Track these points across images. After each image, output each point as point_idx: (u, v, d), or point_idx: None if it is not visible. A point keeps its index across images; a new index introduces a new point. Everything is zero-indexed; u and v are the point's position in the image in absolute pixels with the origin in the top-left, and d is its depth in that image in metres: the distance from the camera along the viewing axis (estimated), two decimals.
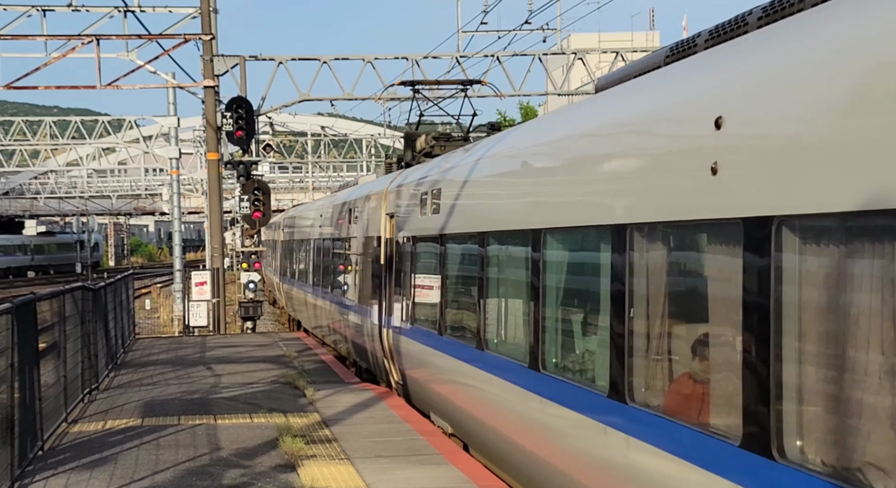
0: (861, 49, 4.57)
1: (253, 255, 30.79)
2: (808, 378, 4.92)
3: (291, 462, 10.37)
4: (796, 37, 5.21)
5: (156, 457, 10.78)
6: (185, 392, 15.46)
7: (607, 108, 7.61)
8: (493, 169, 10.39)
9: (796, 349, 4.99)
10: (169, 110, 35.50)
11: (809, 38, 5.06)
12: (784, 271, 5.04)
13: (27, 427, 10.42)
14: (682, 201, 5.92)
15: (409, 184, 14.55)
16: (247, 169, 30.07)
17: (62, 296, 13.30)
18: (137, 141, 65.54)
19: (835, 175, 4.59)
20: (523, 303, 9.04)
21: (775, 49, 5.32)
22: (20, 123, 66.36)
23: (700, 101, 5.88)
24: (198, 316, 28.49)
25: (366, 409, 13.76)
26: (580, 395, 7.49)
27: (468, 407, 10.91)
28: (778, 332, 5.03)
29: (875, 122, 4.39)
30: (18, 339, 9.90)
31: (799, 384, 4.97)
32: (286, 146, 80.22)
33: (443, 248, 12.22)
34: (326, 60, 33.77)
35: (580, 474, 7.45)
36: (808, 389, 4.95)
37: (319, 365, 19.27)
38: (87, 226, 68.38)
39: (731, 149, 5.46)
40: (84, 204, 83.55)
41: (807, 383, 4.94)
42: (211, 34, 28.42)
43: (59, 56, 27.74)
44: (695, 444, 5.73)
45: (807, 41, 5.07)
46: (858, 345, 4.63)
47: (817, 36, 4.99)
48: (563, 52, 36.60)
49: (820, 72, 4.83)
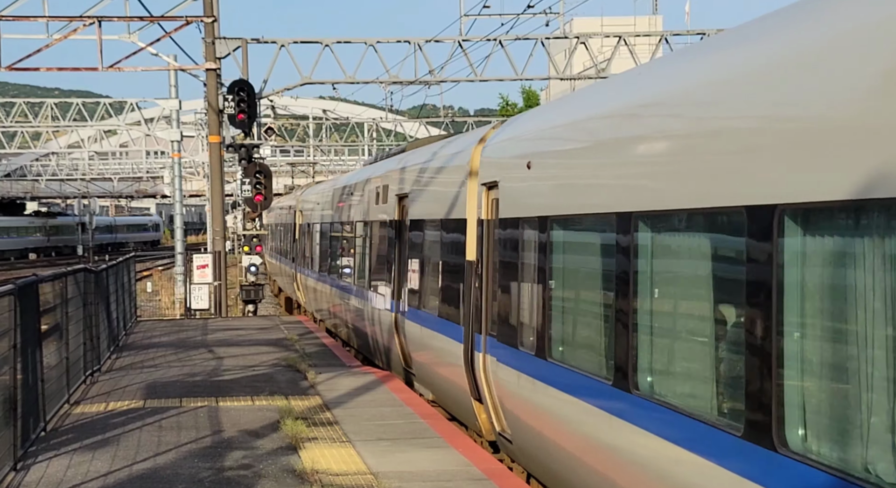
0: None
1: (254, 239, 30.81)
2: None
3: (293, 444, 10.40)
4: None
5: (158, 439, 10.81)
6: (187, 374, 15.49)
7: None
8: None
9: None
10: (170, 93, 35.49)
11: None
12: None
13: (30, 408, 10.44)
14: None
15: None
16: (248, 152, 30.05)
17: (64, 278, 13.31)
18: (139, 123, 65.41)
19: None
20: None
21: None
22: (21, 105, 66.13)
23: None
24: (199, 298, 28.56)
25: (367, 392, 13.78)
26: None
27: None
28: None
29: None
30: (21, 321, 9.92)
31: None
32: (288, 129, 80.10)
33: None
34: (328, 43, 33.65)
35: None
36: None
37: (321, 348, 19.30)
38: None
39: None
40: (85, 186, 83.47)
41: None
42: (213, 16, 28.34)
43: (61, 37, 27.67)
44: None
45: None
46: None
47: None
48: (565, 36, 36.48)
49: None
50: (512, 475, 9.40)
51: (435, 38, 35.01)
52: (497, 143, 10.78)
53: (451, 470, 9.42)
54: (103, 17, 27.66)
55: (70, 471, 9.51)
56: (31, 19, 27.81)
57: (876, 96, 4.47)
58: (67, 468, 9.66)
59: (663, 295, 6.69)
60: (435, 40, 35.05)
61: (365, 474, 9.29)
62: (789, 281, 5.09)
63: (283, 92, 38.79)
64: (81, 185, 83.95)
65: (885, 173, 4.33)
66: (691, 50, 8.13)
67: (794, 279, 5.09)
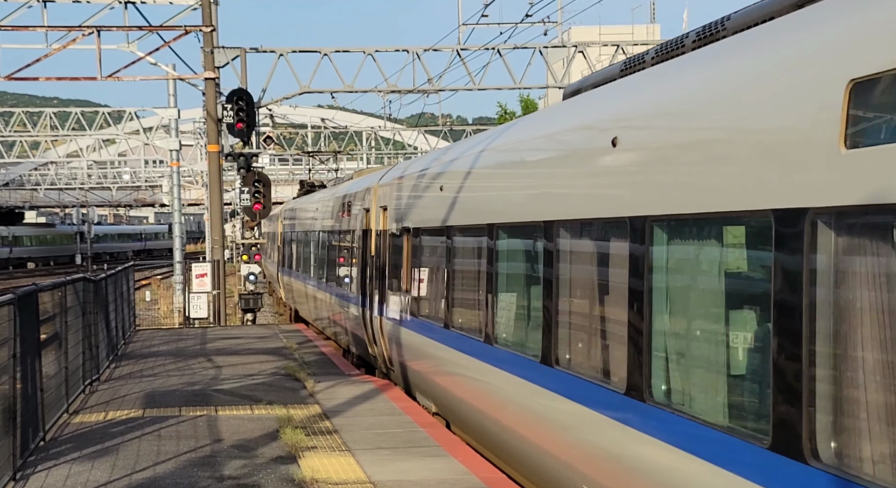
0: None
1: (253, 247, 30.83)
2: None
3: (292, 453, 10.40)
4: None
5: (157, 448, 10.81)
6: (186, 383, 15.49)
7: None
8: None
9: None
10: (169, 102, 35.51)
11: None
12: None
13: (29, 417, 10.45)
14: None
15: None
16: (247, 161, 30.10)
17: (63, 287, 13.32)
18: (137, 132, 65.37)
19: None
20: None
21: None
22: (20, 114, 66.18)
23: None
24: (198, 307, 28.54)
25: (366, 401, 13.79)
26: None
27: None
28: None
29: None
30: (20, 330, 9.93)
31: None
32: (286, 138, 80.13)
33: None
34: (327, 53, 33.72)
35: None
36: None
37: (320, 356, 19.30)
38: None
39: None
40: (84, 195, 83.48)
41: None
42: (211, 26, 28.40)
43: (60, 47, 27.72)
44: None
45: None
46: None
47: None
48: (563, 45, 36.56)
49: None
50: (510, 483, 9.40)
51: (433, 47, 35.09)
52: (386, 180, 16.12)
53: (450, 478, 9.43)
54: (102, 27, 27.73)
55: (69, 481, 9.51)
56: (31, 29, 27.87)
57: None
58: (67, 477, 9.65)
59: (461, 267, 11.46)
60: (433, 49, 35.12)
61: (364, 483, 9.30)
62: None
63: (281, 101, 38.85)
64: (80, 194, 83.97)
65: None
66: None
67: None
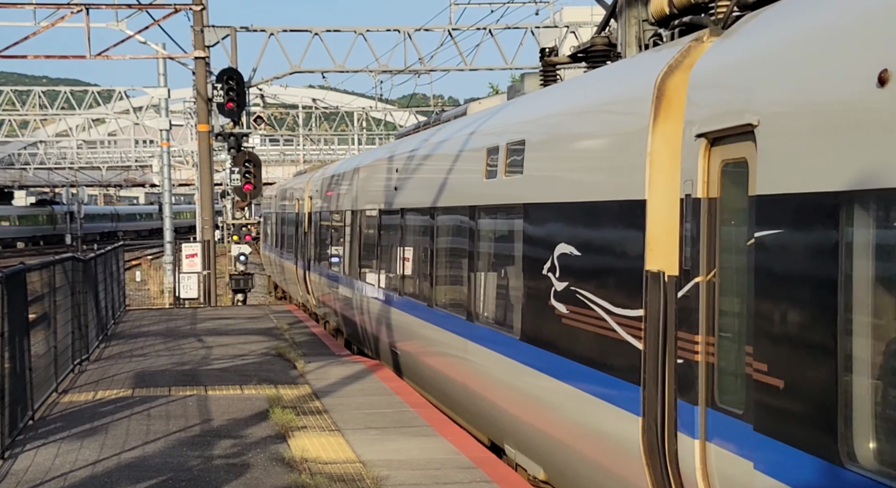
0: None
1: (244, 228, 30.75)
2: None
3: (282, 433, 10.40)
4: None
5: (146, 428, 10.80)
6: (176, 363, 15.47)
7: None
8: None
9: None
10: (159, 81, 35.30)
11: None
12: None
13: (17, 396, 10.42)
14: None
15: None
16: (237, 141, 29.97)
17: (52, 267, 13.27)
18: (127, 112, 65.14)
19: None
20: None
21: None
22: (9, 93, 65.78)
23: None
24: (188, 288, 28.49)
25: (356, 381, 13.79)
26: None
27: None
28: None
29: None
30: (8, 309, 9.88)
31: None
32: (277, 118, 79.91)
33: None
34: (318, 32, 33.55)
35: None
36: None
37: (310, 337, 19.30)
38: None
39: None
40: (73, 175, 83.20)
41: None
42: (201, 4, 28.22)
43: (49, 25, 27.52)
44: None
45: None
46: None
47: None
48: (555, 25, 36.44)
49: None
50: (500, 463, 9.42)
51: (424, 27, 34.95)
52: (316, 177, 22.72)
53: (440, 458, 9.44)
54: (91, 5, 27.53)
55: (58, 460, 9.49)
56: (18, 6, 27.65)
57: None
58: (55, 456, 9.64)
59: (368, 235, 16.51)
60: (424, 29, 34.99)
61: (354, 462, 9.30)
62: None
63: (272, 81, 38.69)
64: (70, 174, 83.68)
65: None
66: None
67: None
